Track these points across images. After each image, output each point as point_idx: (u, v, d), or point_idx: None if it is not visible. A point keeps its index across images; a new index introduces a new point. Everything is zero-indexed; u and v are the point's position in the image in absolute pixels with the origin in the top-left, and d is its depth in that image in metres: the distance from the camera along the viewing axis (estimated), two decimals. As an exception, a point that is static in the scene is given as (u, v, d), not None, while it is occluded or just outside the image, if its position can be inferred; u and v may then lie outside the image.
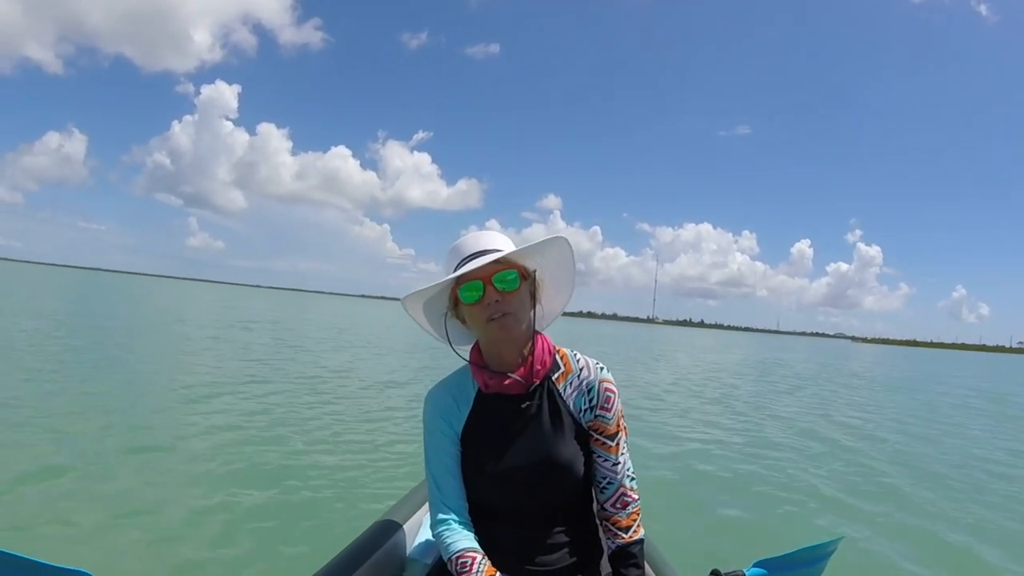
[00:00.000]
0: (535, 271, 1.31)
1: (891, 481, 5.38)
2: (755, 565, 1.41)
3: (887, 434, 8.24)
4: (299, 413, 6.66)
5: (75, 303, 24.84)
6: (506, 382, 1.29)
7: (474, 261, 1.23)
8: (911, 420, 10.01)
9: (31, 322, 13.99)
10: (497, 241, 1.29)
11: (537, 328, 1.37)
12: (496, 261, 1.22)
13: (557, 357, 1.35)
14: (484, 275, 1.22)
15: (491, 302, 1.23)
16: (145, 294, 45.91)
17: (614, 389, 1.33)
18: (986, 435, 9.00)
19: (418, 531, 1.72)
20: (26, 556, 0.97)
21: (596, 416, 1.31)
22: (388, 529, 1.62)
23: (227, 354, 11.51)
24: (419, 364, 13.01)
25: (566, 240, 1.27)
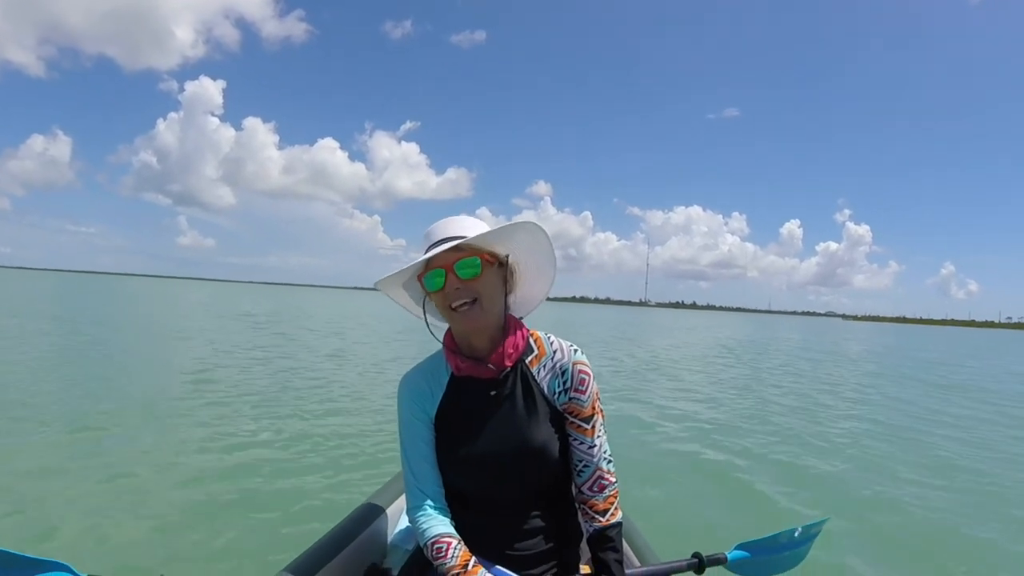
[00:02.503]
0: (508, 256, 1.29)
1: (878, 462, 5.37)
2: (737, 547, 1.39)
3: (872, 413, 8.31)
4: (284, 400, 6.72)
5: (73, 306, 24.66)
6: (478, 366, 1.28)
7: (435, 248, 1.21)
8: (898, 401, 10.15)
9: (35, 324, 13.88)
10: (469, 227, 1.27)
11: (518, 315, 1.37)
12: (458, 248, 1.21)
13: (531, 340, 1.34)
14: (446, 263, 1.21)
15: (452, 290, 1.22)
16: (139, 295, 45.71)
17: (589, 371, 1.31)
18: (967, 414, 9.11)
19: (400, 517, 1.72)
20: (2, 548, 0.96)
21: (571, 399, 1.29)
22: (369, 515, 1.62)
23: (216, 348, 11.44)
24: (406, 351, 13.05)
25: (536, 224, 1.25)
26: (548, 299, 1.41)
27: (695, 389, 9.80)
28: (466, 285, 1.21)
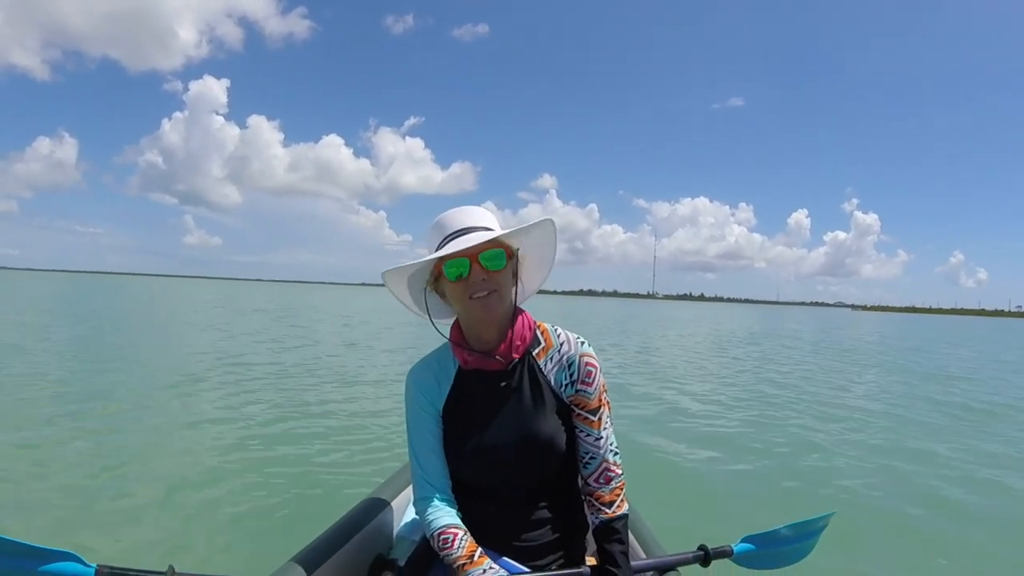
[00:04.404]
0: (518, 250, 1.31)
1: (883, 456, 5.32)
2: (744, 540, 1.38)
3: (876, 406, 8.26)
4: (291, 394, 6.79)
5: (89, 306, 24.93)
6: (486, 359, 1.29)
7: (463, 238, 1.22)
8: (893, 391, 10.13)
9: (54, 322, 13.99)
10: (483, 218, 1.28)
11: (516, 303, 1.36)
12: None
13: (538, 332, 1.34)
14: (471, 253, 1.21)
15: (476, 280, 1.22)
16: (150, 294, 46.10)
17: (595, 363, 1.31)
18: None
19: (406, 508, 1.72)
20: (12, 538, 0.97)
21: (577, 391, 1.30)
22: (376, 506, 1.63)
23: (225, 345, 11.53)
24: (413, 344, 13.10)
25: (552, 222, 1.28)
26: (556, 293, 1.41)
27: (702, 382, 9.78)
28: (490, 276, 1.23)
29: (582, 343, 1.32)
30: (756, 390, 8.96)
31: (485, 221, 1.27)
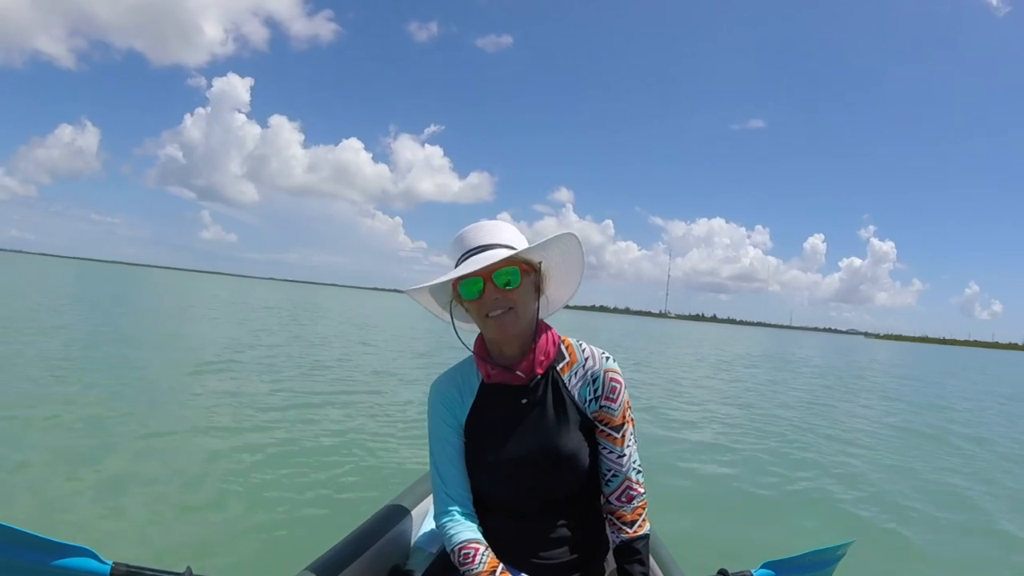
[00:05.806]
0: (540, 263, 1.30)
1: (903, 484, 5.27)
2: (763, 566, 1.37)
3: (900, 436, 8.16)
4: (312, 399, 6.77)
5: (109, 294, 25.19)
6: (509, 373, 1.28)
7: (478, 256, 1.21)
8: (917, 421, 9.96)
9: (76, 308, 14.17)
10: (503, 233, 1.27)
11: (541, 317, 1.35)
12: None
13: (562, 347, 1.34)
14: (484, 272, 1.21)
15: (490, 299, 1.22)
16: (164, 287, 46.46)
17: (620, 380, 1.30)
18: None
19: (424, 519, 1.71)
20: (30, 531, 0.98)
21: (601, 407, 1.29)
22: (394, 516, 1.62)
23: (245, 344, 11.57)
24: (432, 354, 13.09)
25: (573, 235, 1.27)
26: (568, 307, 1.41)
27: (720, 403, 9.67)
28: (504, 295, 1.22)
29: (607, 358, 1.31)
30: (774, 414, 8.85)
31: (505, 237, 1.26)
